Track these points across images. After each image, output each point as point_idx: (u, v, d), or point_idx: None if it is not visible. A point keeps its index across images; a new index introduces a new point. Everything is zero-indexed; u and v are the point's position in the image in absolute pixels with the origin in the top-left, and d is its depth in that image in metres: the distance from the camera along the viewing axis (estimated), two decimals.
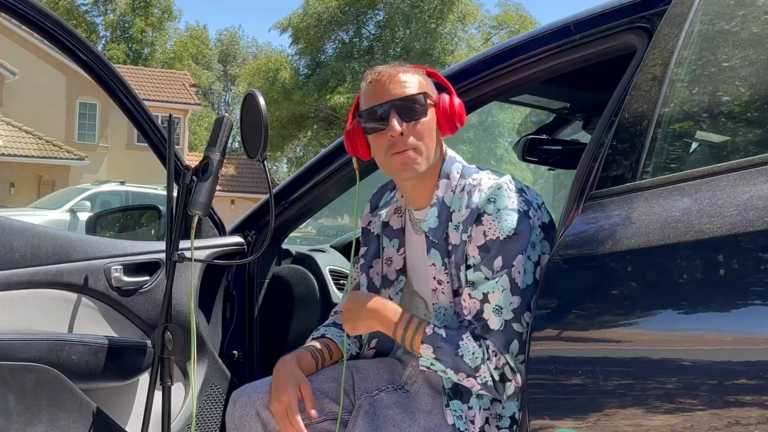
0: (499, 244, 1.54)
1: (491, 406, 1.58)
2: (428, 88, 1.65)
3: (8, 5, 1.82)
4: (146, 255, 2.00)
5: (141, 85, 25.12)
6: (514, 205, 1.56)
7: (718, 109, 1.46)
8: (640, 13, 1.59)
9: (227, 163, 26.18)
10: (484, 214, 1.56)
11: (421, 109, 1.60)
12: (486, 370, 1.52)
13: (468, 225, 1.58)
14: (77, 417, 1.78)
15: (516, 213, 1.55)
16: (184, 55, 37.12)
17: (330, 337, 1.81)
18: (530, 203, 1.59)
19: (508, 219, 1.55)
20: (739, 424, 1.14)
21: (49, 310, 1.84)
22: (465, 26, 28.25)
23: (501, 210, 1.55)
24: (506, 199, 1.56)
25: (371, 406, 1.63)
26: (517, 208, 1.56)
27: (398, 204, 1.78)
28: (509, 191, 1.57)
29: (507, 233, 1.54)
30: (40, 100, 23.00)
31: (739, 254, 1.21)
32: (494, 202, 1.56)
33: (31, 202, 17.49)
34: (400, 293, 1.77)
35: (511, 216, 1.55)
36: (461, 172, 1.65)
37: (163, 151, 1.97)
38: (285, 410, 1.61)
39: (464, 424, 1.56)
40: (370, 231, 1.83)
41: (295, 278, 2.35)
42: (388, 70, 1.64)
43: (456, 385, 1.59)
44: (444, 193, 1.64)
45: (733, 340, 1.19)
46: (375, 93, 1.63)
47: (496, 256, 1.54)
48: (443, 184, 1.65)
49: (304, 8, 27.03)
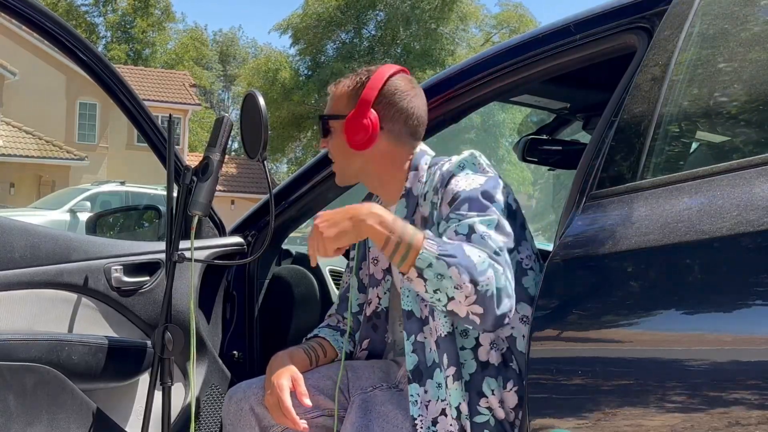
0: (467, 194, 1.53)
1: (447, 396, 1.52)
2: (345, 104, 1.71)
3: (8, 5, 1.82)
4: (146, 255, 2.00)
5: (141, 85, 25.10)
6: (483, 170, 1.59)
7: (718, 110, 1.46)
8: (640, 13, 1.59)
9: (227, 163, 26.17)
10: (452, 176, 1.58)
11: (325, 128, 1.75)
12: (492, 274, 1.39)
13: (439, 189, 1.60)
14: (77, 417, 1.78)
15: (484, 176, 1.58)
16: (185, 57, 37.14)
17: (323, 336, 1.82)
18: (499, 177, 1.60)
19: (476, 178, 1.57)
20: (739, 424, 1.14)
21: (49, 310, 1.84)
22: (465, 26, 28.27)
23: (470, 173, 1.58)
24: (475, 165, 1.60)
25: (364, 401, 1.63)
26: (488, 173, 1.59)
27: (379, 202, 1.80)
28: (479, 159, 1.61)
29: (474, 186, 1.54)
30: (40, 100, 23.00)
31: (739, 254, 1.21)
32: (463, 167, 1.59)
33: (31, 202, 17.49)
34: (388, 293, 1.79)
35: (478, 176, 1.57)
36: (429, 162, 1.70)
37: (163, 151, 1.97)
38: (277, 402, 1.61)
39: (419, 410, 1.54)
40: None
41: (295, 278, 2.35)
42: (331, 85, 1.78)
43: (416, 367, 1.56)
44: (412, 184, 1.68)
45: (733, 340, 1.19)
46: None
47: (464, 203, 1.52)
48: (412, 176, 1.69)
49: (304, 8, 27.04)
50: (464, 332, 1.56)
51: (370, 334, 1.81)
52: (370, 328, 1.81)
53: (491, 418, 1.52)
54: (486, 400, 1.53)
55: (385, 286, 1.78)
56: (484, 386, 1.53)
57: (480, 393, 1.53)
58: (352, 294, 1.84)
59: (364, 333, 1.81)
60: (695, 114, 1.48)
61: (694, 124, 1.51)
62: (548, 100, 2.42)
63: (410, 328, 1.60)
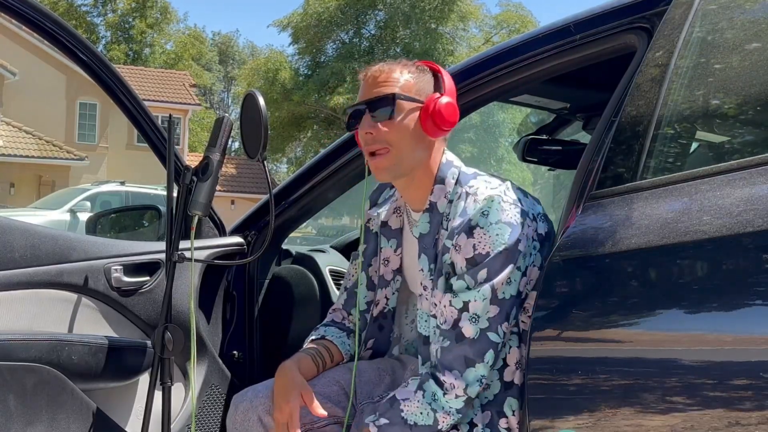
0: (487, 258, 1.50)
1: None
2: (415, 87, 1.61)
3: (8, 5, 1.82)
4: (146, 255, 2.00)
5: (141, 85, 25.11)
6: (508, 219, 1.51)
7: (717, 110, 1.46)
8: (640, 13, 1.59)
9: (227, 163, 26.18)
10: (477, 227, 1.51)
11: (391, 109, 1.59)
12: (444, 415, 1.49)
13: (457, 233, 1.54)
14: (77, 417, 1.78)
15: (509, 227, 1.51)
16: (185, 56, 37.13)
17: (330, 339, 1.80)
18: (526, 214, 1.54)
19: (500, 233, 1.50)
20: (739, 424, 1.14)
21: (49, 310, 1.84)
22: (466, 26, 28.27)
23: (493, 224, 1.50)
24: (499, 212, 1.51)
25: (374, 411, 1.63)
26: (511, 221, 1.51)
27: (397, 203, 1.77)
28: (504, 203, 1.52)
29: (498, 248, 1.50)
30: (40, 100, 23.00)
31: (738, 254, 1.21)
32: (487, 216, 1.51)
33: (31, 202, 17.49)
34: (396, 293, 1.78)
35: (503, 230, 1.50)
36: (457, 178, 1.62)
37: (163, 151, 1.97)
38: (287, 421, 1.61)
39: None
40: (369, 229, 1.83)
41: (295, 278, 2.35)
42: (374, 69, 1.64)
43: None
44: (438, 199, 1.62)
45: (733, 340, 1.19)
46: (360, 91, 1.65)
47: (482, 268, 1.50)
48: (437, 189, 1.62)
49: (304, 8, 27.04)
50: None
51: (375, 334, 1.80)
52: (376, 328, 1.80)
53: None
54: (506, 421, 1.54)
55: (393, 286, 1.78)
56: (505, 406, 1.54)
57: (501, 413, 1.54)
58: (360, 292, 1.82)
59: (370, 332, 1.80)
60: (695, 114, 1.48)
61: (694, 124, 1.51)
62: (548, 100, 2.42)
63: (426, 354, 1.60)
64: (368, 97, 1.61)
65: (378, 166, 1.61)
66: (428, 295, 1.60)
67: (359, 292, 1.81)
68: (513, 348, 1.55)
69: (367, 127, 1.60)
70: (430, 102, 1.60)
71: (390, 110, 1.59)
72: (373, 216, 1.82)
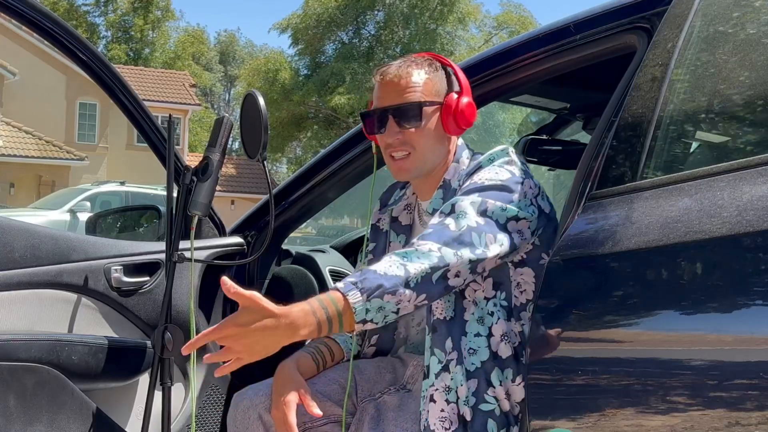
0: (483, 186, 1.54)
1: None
2: (434, 89, 1.65)
3: (8, 5, 1.82)
4: (146, 255, 2.00)
5: (141, 85, 25.11)
6: (511, 168, 1.58)
7: (718, 110, 1.46)
8: (640, 13, 1.59)
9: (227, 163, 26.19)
10: (480, 168, 1.60)
11: (418, 115, 1.64)
12: (420, 266, 1.40)
13: (464, 177, 1.62)
14: (77, 417, 1.78)
15: (510, 174, 1.57)
16: (184, 55, 37.12)
17: (332, 337, 1.80)
18: (529, 176, 1.60)
19: (500, 172, 1.57)
20: (739, 424, 1.14)
21: (49, 311, 1.84)
22: (465, 26, 28.26)
23: (496, 165, 1.59)
24: (506, 158, 1.60)
25: (376, 409, 1.63)
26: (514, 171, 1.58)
27: (408, 201, 1.80)
28: (510, 156, 1.61)
29: (495, 182, 1.55)
30: (40, 100, 23.01)
31: (738, 254, 1.21)
32: (492, 160, 1.60)
33: (31, 202, 17.49)
34: None
35: (503, 171, 1.57)
36: (471, 156, 1.70)
37: (163, 151, 1.97)
38: (283, 417, 1.61)
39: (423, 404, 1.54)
40: (378, 228, 1.84)
41: (295, 278, 2.35)
42: (393, 72, 1.66)
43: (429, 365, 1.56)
44: (451, 176, 1.68)
45: (733, 340, 1.19)
46: (379, 95, 1.68)
47: (476, 191, 1.54)
48: (452, 168, 1.69)
49: (304, 9, 27.04)
50: (480, 319, 1.56)
51: (379, 331, 1.80)
52: None
53: (497, 407, 1.53)
54: (494, 390, 1.53)
55: None
56: (493, 376, 1.54)
57: (489, 382, 1.53)
58: None
59: (375, 329, 1.80)
60: (695, 114, 1.48)
61: (694, 124, 1.51)
62: (548, 100, 2.42)
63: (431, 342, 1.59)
64: (394, 104, 1.65)
65: (402, 168, 1.67)
66: None
67: None
68: (501, 320, 1.56)
69: (394, 133, 1.64)
70: (450, 102, 1.66)
71: (418, 117, 1.64)
72: (382, 216, 1.84)
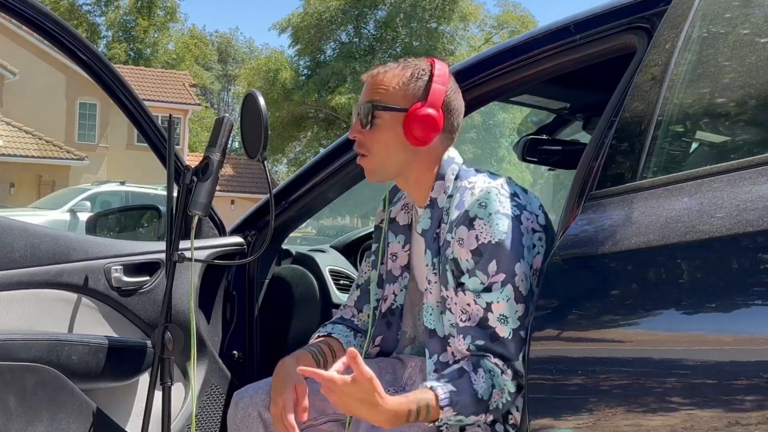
0: (491, 249, 1.51)
1: None
2: (401, 94, 1.61)
3: (8, 5, 1.82)
4: (146, 255, 2.00)
5: (141, 85, 25.10)
6: (506, 210, 1.53)
7: (717, 110, 1.46)
8: (640, 13, 1.59)
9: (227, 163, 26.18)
10: (476, 218, 1.53)
11: (371, 118, 1.62)
12: (498, 392, 1.49)
13: (456, 226, 1.55)
14: (77, 417, 1.78)
15: (507, 218, 1.52)
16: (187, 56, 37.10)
17: (335, 337, 1.80)
18: (523, 207, 1.56)
19: (500, 223, 1.52)
20: (739, 424, 1.14)
21: (49, 310, 1.84)
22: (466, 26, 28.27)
23: (492, 214, 1.52)
24: (497, 203, 1.53)
25: None
26: (509, 213, 1.53)
27: (406, 200, 1.78)
28: (500, 195, 1.54)
29: (499, 237, 1.51)
30: (40, 100, 23.01)
31: (738, 254, 1.21)
32: (485, 207, 1.53)
33: (31, 202, 17.49)
34: (404, 290, 1.78)
35: (503, 220, 1.52)
36: (456, 173, 1.63)
37: (163, 151, 1.97)
38: (280, 413, 1.61)
39: None
40: (381, 227, 1.84)
41: (295, 278, 2.35)
42: (373, 71, 1.67)
43: None
44: (438, 195, 1.64)
45: (733, 340, 1.19)
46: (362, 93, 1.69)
47: (489, 260, 1.51)
48: (438, 185, 1.64)
49: (304, 8, 27.04)
50: None
51: (383, 331, 1.80)
52: (384, 324, 1.80)
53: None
54: (511, 416, 1.56)
55: (402, 282, 1.77)
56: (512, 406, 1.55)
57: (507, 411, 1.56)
58: (372, 289, 1.82)
59: (378, 329, 1.80)
60: (695, 114, 1.48)
61: (694, 124, 1.51)
62: (548, 100, 2.42)
63: (433, 347, 1.60)
64: (359, 101, 1.67)
65: (363, 168, 1.68)
66: (432, 289, 1.61)
67: (371, 289, 1.82)
68: None
69: (355, 131, 1.66)
70: (412, 111, 1.60)
71: (371, 120, 1.62)
72: (384, 216, 1.83)
